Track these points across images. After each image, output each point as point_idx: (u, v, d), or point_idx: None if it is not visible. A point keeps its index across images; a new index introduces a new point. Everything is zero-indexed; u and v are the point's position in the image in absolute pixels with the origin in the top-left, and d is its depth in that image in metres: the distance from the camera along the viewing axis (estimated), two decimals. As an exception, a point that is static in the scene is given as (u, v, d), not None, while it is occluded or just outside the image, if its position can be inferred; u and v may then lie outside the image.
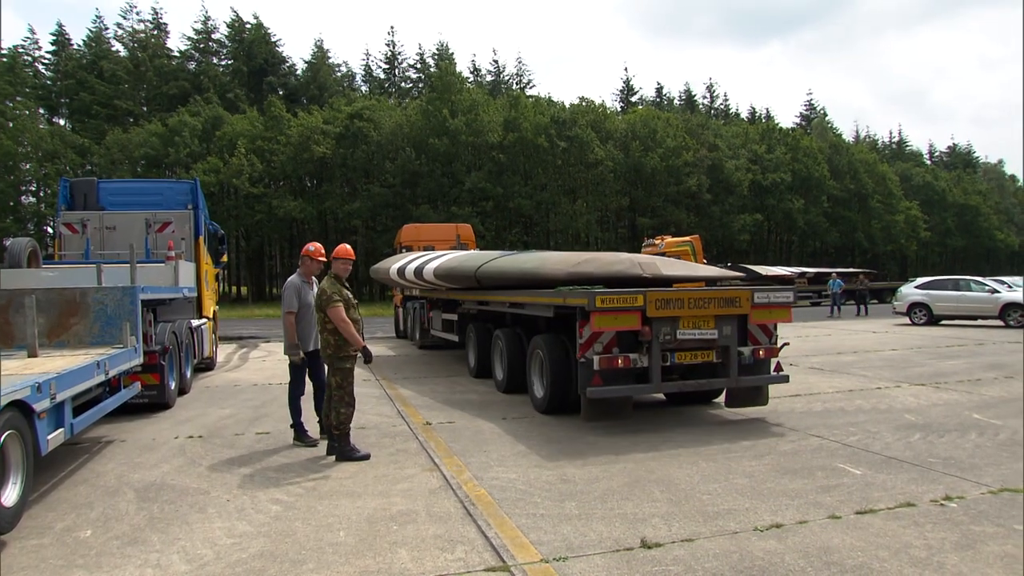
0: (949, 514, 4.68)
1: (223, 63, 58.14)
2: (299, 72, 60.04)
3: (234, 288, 53.05)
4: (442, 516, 4.78)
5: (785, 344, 7.97)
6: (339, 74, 63.63)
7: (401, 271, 13.55)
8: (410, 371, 12.56)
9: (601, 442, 6.79)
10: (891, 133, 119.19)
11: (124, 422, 8.13)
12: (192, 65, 56.53)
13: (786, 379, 7.86)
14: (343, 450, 6.40)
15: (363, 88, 62.96)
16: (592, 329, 6.74)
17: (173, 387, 9.20)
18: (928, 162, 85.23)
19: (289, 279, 7.09)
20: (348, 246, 6.87)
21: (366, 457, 6.37)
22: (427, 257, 12.91)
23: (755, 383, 7.71)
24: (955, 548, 4.11)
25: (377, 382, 11.15)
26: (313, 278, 7.17)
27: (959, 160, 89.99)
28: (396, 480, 5.67)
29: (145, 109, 52.23)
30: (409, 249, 17.24)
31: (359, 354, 6.55)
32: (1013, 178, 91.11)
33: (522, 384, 9.07)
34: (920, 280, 24.97)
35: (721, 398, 8.53)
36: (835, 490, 5.22)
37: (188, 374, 10.37)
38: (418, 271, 12.38)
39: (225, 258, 15.13)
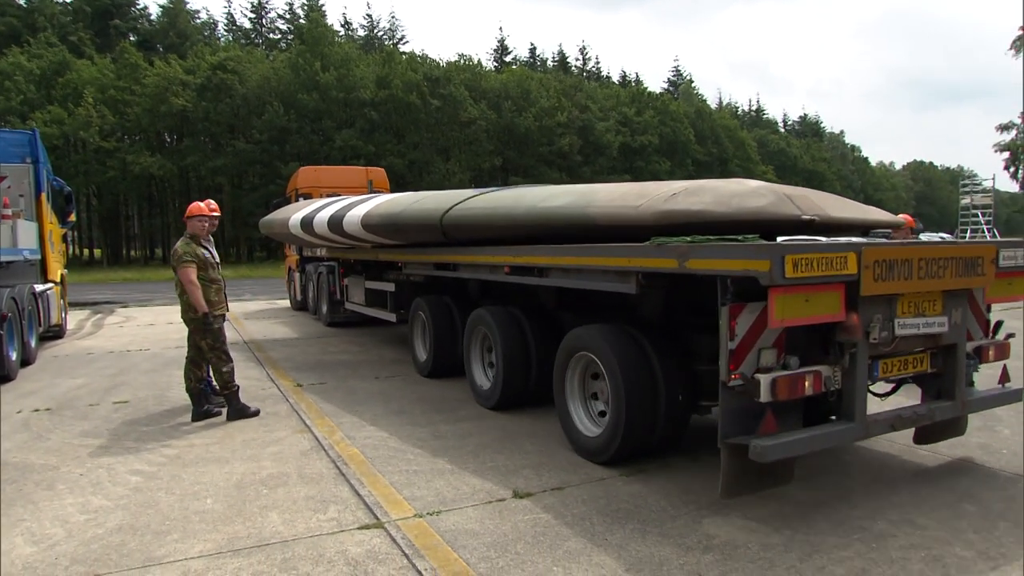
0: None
1: (62, 0, 52.67)
2: (153, 17, 55.51)
3: (87, 251, 49.13)
4: (314, 477, 4.73)
5: (1011, 336, 4.92)
6: (199, 21, 59.34)
7: (307, 223, 9.88)
8: (280, 333, 12.18)
9: (472, 400, 6.85)
10: (750, 102, 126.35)
11: (-43, 396, 7.43)
12: (23, 0, 50.80)
13: (1019, 396, 4.83)
14: (236, 408, 6.32)
15: (227, 38, 59.06)
16: (772, 321, 3.57)
17: (14, 358, 8.48)
18: (782, 130, 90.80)
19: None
20: (202, 203, 6.56)
21: (256, 413, 6.38)
22: (346, 203, 9.30)
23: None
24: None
25: (245, 345, 10.74)
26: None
27: (808, 129, 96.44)
28: (265, 444, 5.54)
29: (-33, 49, 46.66)
30: (308, 197, 14.07)
31: (226, 312, 6.55)
32: (853, 148, 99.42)
33: (527, 401, 6.42)
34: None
35: None
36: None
37: (32, 343, 9.58)
38: (334, 223, 8.93)
39: (73, 217, 13.96)
